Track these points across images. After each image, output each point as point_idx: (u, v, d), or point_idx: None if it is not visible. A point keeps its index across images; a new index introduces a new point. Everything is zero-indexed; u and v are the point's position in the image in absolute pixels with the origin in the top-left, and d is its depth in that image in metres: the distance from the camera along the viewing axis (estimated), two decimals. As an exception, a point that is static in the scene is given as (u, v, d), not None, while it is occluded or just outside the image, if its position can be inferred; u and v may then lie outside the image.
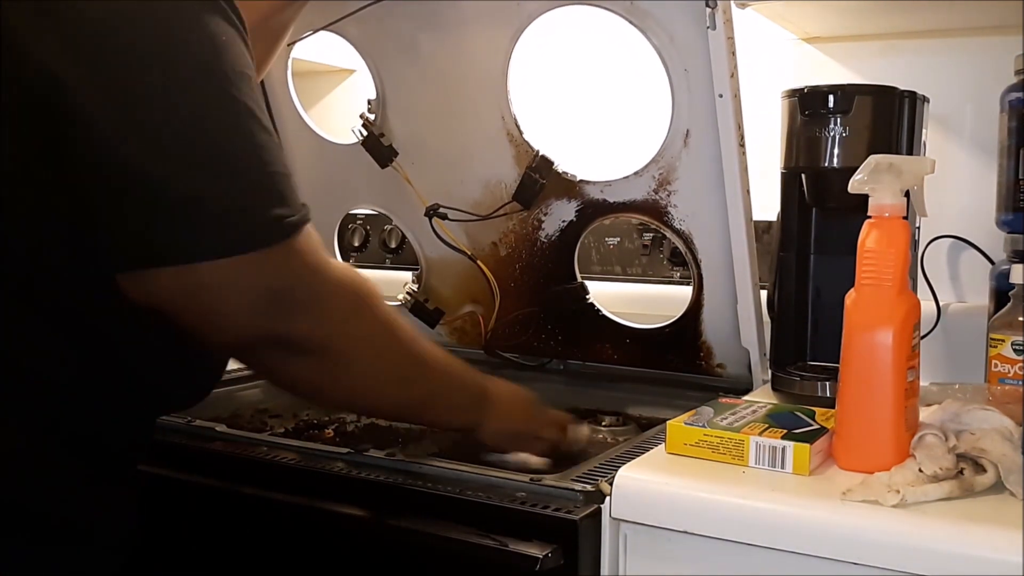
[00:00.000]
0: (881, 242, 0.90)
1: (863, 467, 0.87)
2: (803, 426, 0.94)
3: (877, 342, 0.89)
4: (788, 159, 1.21)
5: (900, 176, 0.90)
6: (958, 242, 1.36)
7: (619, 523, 0.90)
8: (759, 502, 0.83)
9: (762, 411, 1.00)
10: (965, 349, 1.28)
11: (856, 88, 1.17)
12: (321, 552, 1.02)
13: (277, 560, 1.04)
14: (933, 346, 1.29)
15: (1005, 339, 1.08)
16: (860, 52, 1.43)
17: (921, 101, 1.18)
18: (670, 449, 0.94)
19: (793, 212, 1.24)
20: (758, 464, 0.89)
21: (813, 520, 0.80)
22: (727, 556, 0.84)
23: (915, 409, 0.92)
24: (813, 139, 1.16)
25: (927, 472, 0.83)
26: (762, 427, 0.92)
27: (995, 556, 0.73)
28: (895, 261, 0.90)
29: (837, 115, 1.14)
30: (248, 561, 1.07)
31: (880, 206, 0.91)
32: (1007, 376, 1.08)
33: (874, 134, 1.14)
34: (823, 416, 0.97)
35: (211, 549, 1.09)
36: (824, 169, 1.16)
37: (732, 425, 0.93)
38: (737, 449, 0.90)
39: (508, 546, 0.88)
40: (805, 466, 0.87)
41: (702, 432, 0.92)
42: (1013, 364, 1.07)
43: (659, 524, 0.87)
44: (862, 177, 0.91)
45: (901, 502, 0.79)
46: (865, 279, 0.91)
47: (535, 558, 0.87)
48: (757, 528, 0.82)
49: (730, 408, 1.00)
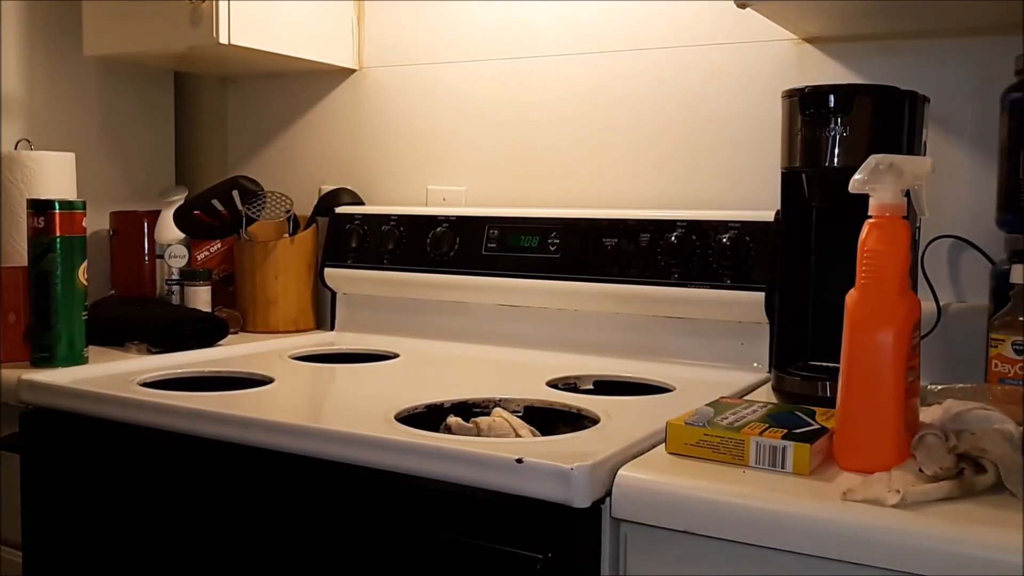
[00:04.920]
0: (881, 242, 0.90)
1: (863, 467, 0.87)
2: (803, 426, 0.94)
3: (877, 342, 0.89)
4: (788, 159, 1.21)
5: (900, 176, 0.90)
6: (958, 242, 1.36)
7: (619, 523, 0.90)
8: (759, 502, 0.83)
9: (762, 411, 1.00)
10: (965, 349, 1.29)
11: (856, 88, 1.17)
12: (321, 552, 1.02)
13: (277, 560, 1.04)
14: (933, 346, 1.29)
15: (1005, 339, 1.08)
16: (860, 52, 1.43)
17: (921, 101, 1.18)
18: (670, 449, 0.94)
19: (793, 212, 1.24)
20: (758, 464, 0.89)
21: (813, 520, 0.80)
22: (727, 556, 0.84)
23: (915, 409, 0.92)
24: (813, 139, 1.16)
25: (927, 472, 0.83)
26: (762, 427, 0.92)
27: (995, 556, 0.73)
28: (895, 261, 0.90)
29: (837, 115, 1.14)
30: (243, 561, 1.07)
31: (880, 206, 0.91)
32: (1007, 376, 1.08)
33: (874, 134, 1.14)
34: (823, 416, 0.97)
35: (210, 549, 1.10)
36: (824, 169, 1.16)
37: (732, 425, 0.93)
38: (737, 449, 0.90)
39: (508, 547, 0.88)
40: (805, 466, 0.87)
41: (702, 432, 0.92)
42: (1013, 364, 1.07)
43: (659, 524, 0.87)
44: (862, 177, 0.91)
45: (901, 502, 0.79)
46: (865, 279, 0.91)
47: (535, 558, 0.87)
48: (757, 528, 0.82)
49: (730, 408, 1.00)
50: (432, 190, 1.81)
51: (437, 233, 1.66)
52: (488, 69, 1.74)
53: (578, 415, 1.17)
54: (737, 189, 1.52)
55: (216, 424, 1.10)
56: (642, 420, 1.06)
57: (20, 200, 1.57)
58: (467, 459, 0.94)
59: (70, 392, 1.23)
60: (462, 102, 1.77)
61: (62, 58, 1.84)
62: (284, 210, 1.81)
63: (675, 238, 1.45)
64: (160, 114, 2.06)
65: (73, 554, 1.24)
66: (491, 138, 1.75)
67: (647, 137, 1.60)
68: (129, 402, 1.18)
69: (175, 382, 1.34)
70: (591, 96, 1.65)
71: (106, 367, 1.39)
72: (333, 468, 1.01)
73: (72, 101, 1.87)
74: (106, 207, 1.92)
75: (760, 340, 1.41)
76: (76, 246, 1.42)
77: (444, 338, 1.66)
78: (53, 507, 1.26)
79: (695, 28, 1.55)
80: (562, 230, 1.56)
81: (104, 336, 1.55)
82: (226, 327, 1.64)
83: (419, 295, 1.69)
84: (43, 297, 1.40)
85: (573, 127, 1.67)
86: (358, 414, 1.12)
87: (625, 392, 1.30)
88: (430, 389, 1.26)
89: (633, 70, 1.61)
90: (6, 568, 1.40)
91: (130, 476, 1.18)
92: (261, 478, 1.06)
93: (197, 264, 1.85)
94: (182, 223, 1.79)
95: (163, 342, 1.53)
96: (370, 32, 1.87)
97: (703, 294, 1.42)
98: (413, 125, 1.83)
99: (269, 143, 2.01)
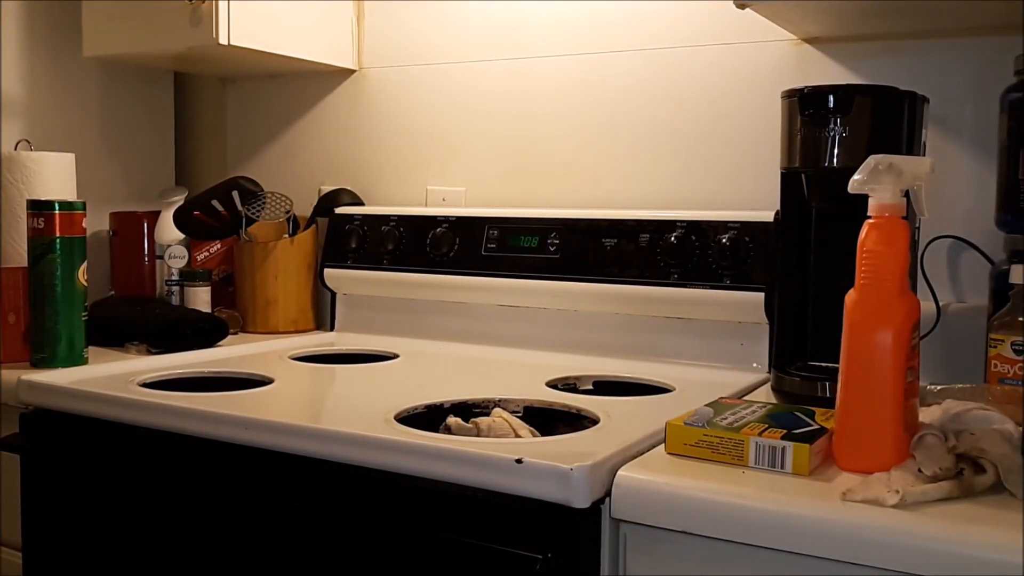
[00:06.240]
0: (881, 242, 0.90)
1: (863, 467, 0.87)
2: (803, 426, 0.94)
3: (877, 342, 0.89)
4: (788, 159, 1.21)
5: (900, 176, 0.90)
6: (958, 242, 1.36)
7: (619, 523, 0.90)
8: (758, 502, 0.83)
9: (762, 411, 1.00)
10: (965, 349, 1.29)
11: (856, 88, 1.17)
12: (321, 552, 1.02)
13: (277, 560, 1.04)
14: (933, 346, 1.29)
15: (1005, 339, 1.08)
16: (860, 52, 1.43)
17: (921, 101, 1.18)
18: (670, 449, 0.94)
19: (793, 212, 1.24)
20: (758, 464, 0.89)
21: (813, 520, 0.80)
22: (727, 556, 0.84)
23: (915, 409, 0.92)
24: (813, 139, 1.16)
25: (927, 472, 0.83)
26: (762, 427, 0.92)
27: (995, 556, 0.73)
28: (895, 261, 0.90)
29: (837, 115, 1.14)
30: (243, 561, 1.07)
31: (880, 206, 0.91)
32: (1007, 376, 1.08)
33: (874, 134, 1.14)
34: (823, 416, 0.97)
35: (210, 549, 1.10)
36: (824, 169, 1.16)
37: (732, 425, 0.93)
38: (737, 449, 0.90)
39: (508, 547, 0.88)
40: (805, 466, 0.87)
41: (702, 432, 0.92)
42: (1013, 364, 1.08)
43: (659, 524, 0.87)
44: (862, 177, 0.91)
45: (900, 502, 0.79)
46: (865, 279, 0.91)
47: (535, 559, 0.87)
48: (757, 528, 0.82)
49: (730, 408, 1.00)
50: (432, 190, 1.81)
51: (437, 233, 1.66)
52: (488, 69, 1.74)
53: (578, 415, 1.17)
54: (737, 189, 1.52)
55: (216, 424, 1.10)
56: (642, 420, 1.06)
57: (20, 201, 1.57)
58: (467, 459, 0.94)
59: (70, 393, 1.23)
60: (462, 102, 1.77)
61: (62, 58, 1.84)
62: (284, 210, 1.81)
63: (675, 238, 1.45)
64: (160, 114, 2.06)
65: (73, 554, 1.24)
66: (491, 138, 1.75)
67: (646, 137, 1.60)
68: (129, 402, 1.18)
69: (175, 382, 1.34)
70: (591, 96, 1.65)
71: (106, 367, 1.39)
72: (333, 468, 1.01)
73: (72, 101, 1.87)
74: (106, 208, 1.92)
75: (760, 340, 1.41)
76: (76, 247, 1.42)
77: (444, 338, 1.66)
78: (53, 507, 1.26)
79: (695, 28, 1.55)
80: (562, 230, 1.56)
81: (104, 336, 1.55)
82: (226, 327, 1.64)
83: (419, 295, 1.69)
84: (43, 298, 1.40)
85: (573, 127, 1.67)
86: (358, 414, 1.12)
87: (625, 392, 1.30)
88: (430, 389, 1.26)
89: (632, 70, 1.61)
90: (6, 568, 1.40)
91: (130, 476, 1.18)
92: (261, 478, 1.06)
93: (197, 264, 1.85)
94: (182, 224, 1.79)
95: (163, 342, 1.53)
96: (370, 32, 1.87)
97: (703, 294, 1.42)
98: (413, 125, 1.83)
99: (269, 143, 2.01)
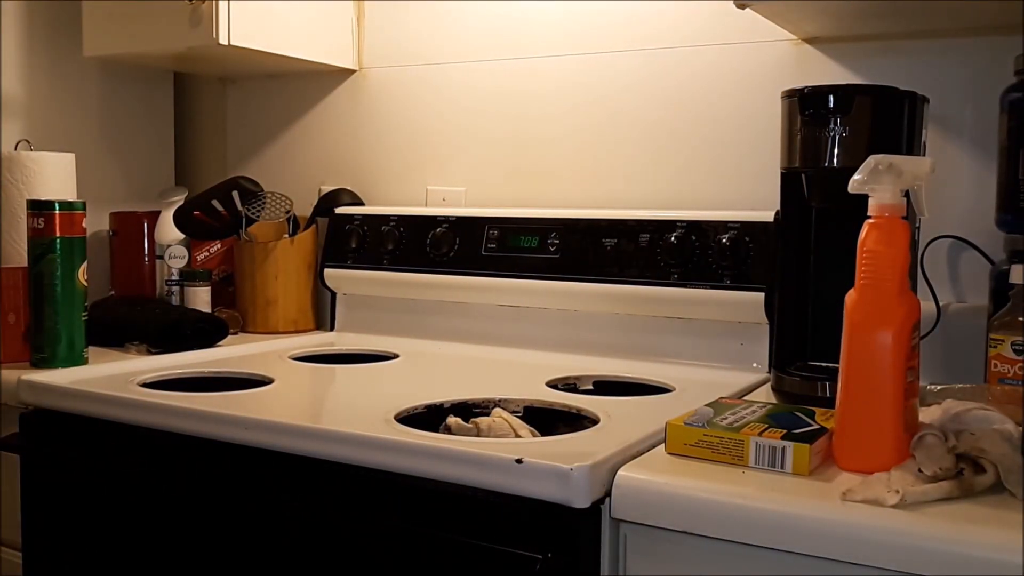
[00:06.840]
0: (881, 242, 0.90)
1: (863, 467, 0.87)
2: (803, 426, 0.94)
3: (877, 342, 0.89)
4: (788, 159, 1.21)
5: (900, 176, 0.90)
6: (958, 242, 1.36)
7: (619, 523, 0.90)
8: (759, 502, 0.83)
9: (762, 411, 1.00)
10: (965, 349, 1.29)
11: (856, 88, 1.17)
12: (321, 552, 1.02)
13: (277, 560, 1.04)
14: (933, 346, 1.29)
15: (1005, 339, 1.08)
16: (859, 52, 1.43)
17: (921, 101, 1.18)
18: (670, 449, 0.94)
19: (793, 212, 1.24)
20: (758, 464, 0.89)
21: (813, 520, 0.80)
22: (727, 556, 0.84)
23: (915, 409, 0.92)
24: (813, 139, 1.16)
25: (927, 472, 0.83)
26: (762, 427, 0.92)
27: (995, 556, 0.73)
28: (895, 261, 0.90)
29: (837, 115, 1.14)
30: (243, 561, 1.07)
31: (880, 206, 0.91)
32: (1007, 376, 1.08)
33: (874, 134, 1.14)
34: (823, 416, 0.97)
35: (210, 549, 1.10)
36: (824, 169, 1.16)
37: (732, 425, 0.93)
38: (737, 449, 0.90)
39: (508, 547, 0.88)
40: (805, 466, 0.87)
41: (702, 432, 0.92)
42: (1013, 364, 1.08)
43: (659, 524, 0.87)
44: (862, 177, 0.91)
45: (900, 502, 0.79)
46: (865, 279, 0.91)
47: (535, 559, 0.87)
48: (757, 528, 0.82)
49: (730, 408, 1.00)
50: (432, 190, 1.81)
51: (437, 233, 1.66)
52: (488, 69, 1.74)
53: (578, 415, 1.17)
54: (737, 189, 1.52)
55: (216, 424, 1.10)
56: (642, 420, 1.06)
57: (20, 201, 1.57)
58: (467, 459, 0.94)
59: (70, 393, 1.23)
60: (462, 102, 1.77)
61: (62, 58, 1.84)
62: (284, 210, 1.81)
63: (675, 238, 1.45)
64: (160, 114, 2.06)
65: (73, 554, 1.24)
66: (491, 138, 1.75)
67: (646, 137, 1.60)
68: (129, 402, 1.18)
69: (175, 382, 1.34)
70: (591, 96, 1.65)
71: (106, 367, 1.39)
72: (333, 468, 1.01)
73: (72, 101, 1.87)
74: (106, 208, 1.92)
75: (760, 340, 1.41)
76: (76, 247, 1.42)
77: (444, 338, 1.66)
78: (53, 507, 1.26)
79: (695, 28, 1.55)
80: (562, 230, 1.56)
81: (104, 336, 1.55)
82: (226, 327, 1.64)
83: (419, 295, 1.69)
84: (43, 298, 1.40)
85: (573, 127, 1.67)
86: (358, 414, 1.12)
87: (625, 392, 1.30)
88: (430, 389, 1.26)
89: (632, 70, 1.61)
90: (6, 568, 1.40)
91: (130, 476, 1.18)
92: (261, 478, 1.06)
93: (197, 264, 1.85)
94: (182, 223, 1.79)
95: (163, 342, 1.53)
96: (370, 32, 1.87)
97: (703, 294, 1.42)
98: (413, 125, 1.83)
99: (269, 143, 2.01)
